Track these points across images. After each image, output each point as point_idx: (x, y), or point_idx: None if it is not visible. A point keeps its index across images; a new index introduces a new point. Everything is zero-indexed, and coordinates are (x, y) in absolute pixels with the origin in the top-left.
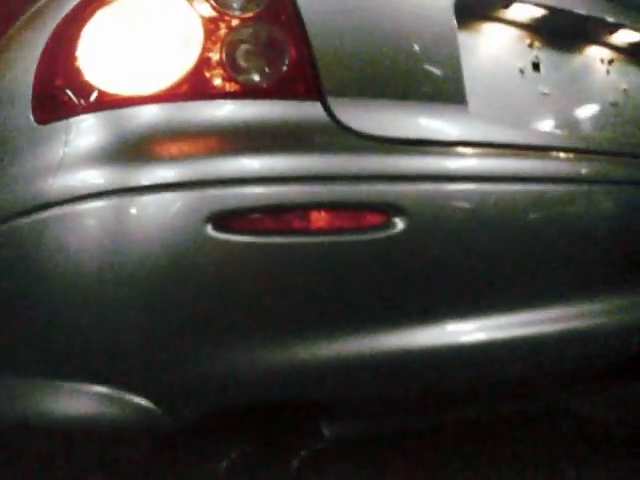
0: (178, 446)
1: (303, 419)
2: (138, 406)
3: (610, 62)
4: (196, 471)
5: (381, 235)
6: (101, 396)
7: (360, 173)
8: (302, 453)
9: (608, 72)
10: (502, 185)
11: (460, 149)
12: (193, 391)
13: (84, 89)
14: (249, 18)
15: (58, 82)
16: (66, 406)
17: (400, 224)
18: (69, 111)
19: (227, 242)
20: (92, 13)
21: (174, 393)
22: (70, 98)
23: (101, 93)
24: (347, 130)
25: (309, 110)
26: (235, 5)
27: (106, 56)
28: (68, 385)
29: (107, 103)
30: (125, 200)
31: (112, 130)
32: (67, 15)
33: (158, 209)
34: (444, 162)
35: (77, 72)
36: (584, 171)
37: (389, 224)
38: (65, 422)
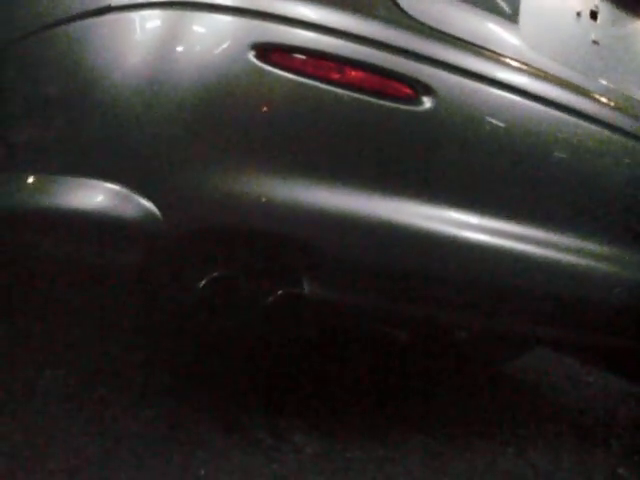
0: (167, 259)
1: (288, 266)
2: (143, 206)
3: None
4: None
5: (405, 107)
6: (112, 192)
7: (402, 46)
8: (278, 292)
9: None
10: (528, 101)
11: (499, 58)
12: (193, 204)
13: None
14: None
15: None
16: (82, 199)
17: (427, 103)
18: None
19: (265, 72)
20: None
21: (176, 202)
22: None
23: None
24: (402, 11)
25: None
26: None
27: None
28: (85, 180)
29: None
30: (180, 13)
31: None
32: None
33: (211, 27)
34: (482, 64)
35: None
36: (606, 118)
37: (417, 100)
38: (79, 215)
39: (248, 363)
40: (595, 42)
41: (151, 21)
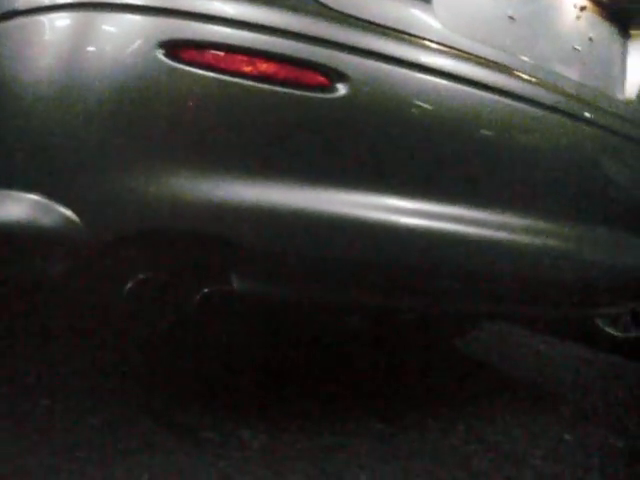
0: (92, 264)
1: (215, 263)
2: (62, 215)
3: (582, 9)
4: None
5: (320, 96)
6: (30, 202)
7: (314, 34)
8: (205, 291)
9: (578, 18)
10: (446, 82)
11: (413, 40)
12: (112, 210)
13: None
14: None
15: None
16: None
17: (342, 90)
18: None
19: (175, 70)
20: None
21: (95, 209)
22: None
23: None
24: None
25: None
26: None
27: None
28: (6, 192)
29: None
30: (88, 14)
31: None
32: None
33: (120, 27)
34: (396, 47)
35: None
36: (529, 94)
37: (331, 88)
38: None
39: (189, 362)
40: (512, 18)
41: (59, 24)
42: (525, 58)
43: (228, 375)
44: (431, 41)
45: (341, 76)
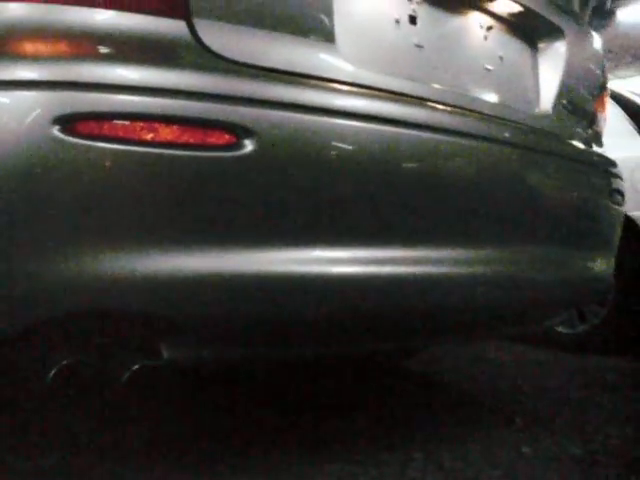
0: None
1: (141, 336)
2: None
3: (489, 29)
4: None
5: (228, 155)
6: None
7: (213, 92)
8: (134, 368)
9: (486, 38)
10: (354, 122)
11: (319, 83)
12: (24, 299)
13: None
14: None
15: None
16: None
17: (249, 146)
18: None
19: (74, 145)
20: None
21: (4, 300)
22: None
23: None
24: (209, 51)
25: (172, 27)
26: None
27: None
28: None
29: None
30: None
31: None
32: None
33: (8, 105)
34: (302, 93)
35: None
36: (442, 123)
37: (238, 144)
38: None
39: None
40: (419, 46)
41: None
42: (436, 85)
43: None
44: (337, 82)
45: (246, 131)
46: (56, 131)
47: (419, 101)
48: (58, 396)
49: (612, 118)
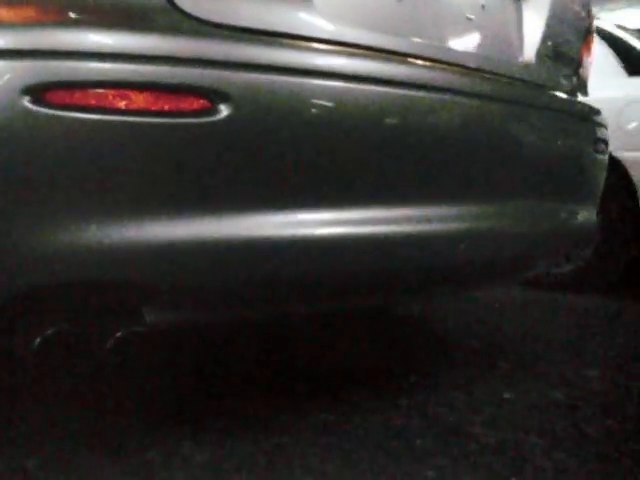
0: None
1: (123, 301)
2: None
3: None
4: None
5: (204, 120)
6: None
7: (186, 55)
8: (118, 334)
9: None
10: (333, 82)
11: (296, 42)
12: (6, 268)
13: None
14: None
15: None
16: None
17: (225, 110)
18: None
19: (45, 116)
20: None
21: None
22: None
23: None
24: (181, 12)
25: None
26: None
27: None
28: None
29: None
30: None
31: None
32: None
33: None
34: (278, 54)
35: None
36: (423, 77)
37: (214, 110)
38: None
39: (121, 383)
40: (400, 0)
41: None
42: (416, 39)
43: (160, 390)
44: (314, 40)
45: (221, 95)
46: (26, 102)
47: (399, 58)
48: (43, 365)
49: (599, 56)
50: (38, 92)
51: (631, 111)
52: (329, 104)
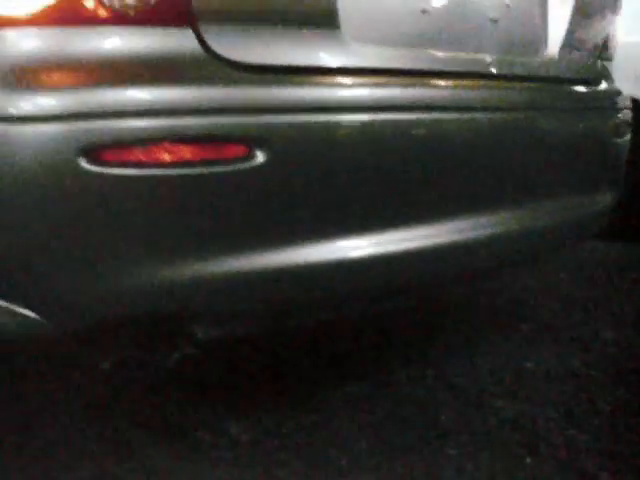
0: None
1: (178, 324)
2: (23, 315)
3: None
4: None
5: (244, 166)
6: None
7: (226, 105)
8: (176, 356)
9: None
10: (369, 114)
11: (329, 77)
12: (74, 304)
13: None
14: None
15: None
16: None
17: (262, 156)
18: None
19: (100, 174)
20: None
21: (56, 305)
22: None
23: None
24: (218, 58)
25: (181, 38)
26: None
27: None
28: None
29: None
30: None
31: None
32: None
33: (32, 139)
34: (311, 91)
35: None
36: (454, 97)
37: (251, 155)
38: None
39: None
40: (425, 11)
41: None
42: (440, 53)
43: (208, 374)
44: (345, 70)
45: (259, 140)
46: (82, 162)
47: (435, 79)
48: (112, 385)
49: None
50: (93, 152)
51: None
52: (361, 135)
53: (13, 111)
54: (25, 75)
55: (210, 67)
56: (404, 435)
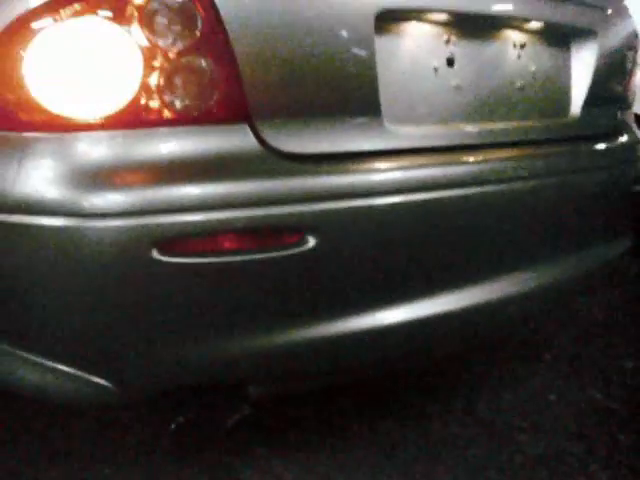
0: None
1: (236, 387)
2: (95, 383)
3: (522, 46)
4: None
5: (296, 251)
6: (62, 373)
7: (281, 196)
8: (235, 417)
9: (519, 57)
10: (414, 194)
11: (373, 163)
12: (143, 374)
13: (31, 107)
14: (183, 50)
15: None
16: (35, 377)
17: (313, 240)
18: (21, 127)
19: (171, 264)
20: (33, 31)
21: (125, 376)
22: (17, 114)
23: (48, 114)
24: (272, 150)
25: (239, 133)
26: (170, 37)
27: (51, 79)
28: (40, 361)
29: (56, 125)
30: (74, 223)
31: (61, 154)
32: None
33: (106, 235)
34: (357, 177)
35: (23, 90)
36: (486, 169)
37: (303, 240)
38: (30, 388)
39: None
40: (457, 87)
41: (45, 233)
42: (473, 127)
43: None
44: (389, 153)
45: (310, 228)
46: (156, 253)
47: (471, 155)
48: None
49: None
50: (165, 244)
51: None
52: (402, 218)
53: (88, 208)
54: (99, 175)
55: (266, 159)
56: (435, 472)
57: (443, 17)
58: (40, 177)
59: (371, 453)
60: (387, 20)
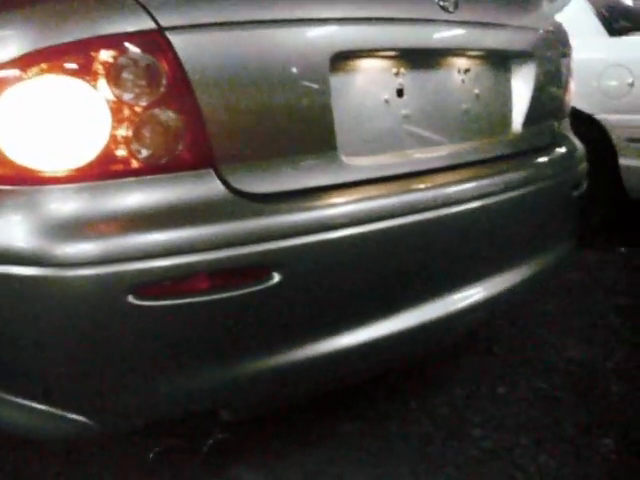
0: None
1: (206, 414)
2: (74, 420)
3: (466, 71)
4: None
5: (263, 287)
6: (40, 412)
7: (247, 236)
8: (210, 441)
9: (463, 81)
10: (370, 224)
11: (331, 197)
12: (120, 410)
13: (1, 161)
14: (149, 103)
15: None
16: (14, 416)
17: (278, 276)
18: None
19: (147, 307)
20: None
21: (108, 413)
22: None
23: (17, 168)
24: (237, 193)
25: (205, 178)
26: (136, 91)
27: (20, 134)
28: (18, 401)
29: (25, 179)
30: (48, 272)
31: (31, 207)
32: None
33: (83, 282)
34: (317, 213)
35: None
36: (436, 194)
37: (269, 277)
38: (9, 426)
39: None
40: (405, 116)
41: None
42: (422, 155)
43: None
44: (345, 186)
45: (276, 264)
46: (131, 299)
47: (416, 180)
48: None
49: (581, 16)
50: (141, 289)
51: (611, 73)
52: (367, 247)
53: (62, 258)
54: (72, 225)
55: (231, 202)
56: (399, 470)
57: (392, 53)
58: (11, 228)
59: (337, 455)
60: (341, 59)
